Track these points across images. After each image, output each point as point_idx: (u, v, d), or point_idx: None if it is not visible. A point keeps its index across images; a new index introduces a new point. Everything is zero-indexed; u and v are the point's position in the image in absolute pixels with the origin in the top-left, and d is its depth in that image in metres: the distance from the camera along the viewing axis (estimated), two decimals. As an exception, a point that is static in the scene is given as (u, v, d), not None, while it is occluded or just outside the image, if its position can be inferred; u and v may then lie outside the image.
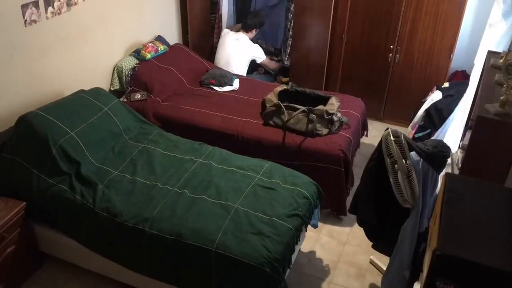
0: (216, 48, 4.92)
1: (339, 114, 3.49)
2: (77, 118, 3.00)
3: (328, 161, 3.30)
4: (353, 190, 3.60)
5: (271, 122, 3.54)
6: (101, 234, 2.66)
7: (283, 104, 3.52)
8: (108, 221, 2.60)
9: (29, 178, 2.77)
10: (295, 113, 3.46)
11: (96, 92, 3.29)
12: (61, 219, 2.76)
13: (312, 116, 3.42)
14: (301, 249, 3.16)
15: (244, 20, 4.79)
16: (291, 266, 2.63)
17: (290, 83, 3.91)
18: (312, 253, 3.25)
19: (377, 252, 2.92)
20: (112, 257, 2.68)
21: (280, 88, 3.80)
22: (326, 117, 3.43)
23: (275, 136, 3.45)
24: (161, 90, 3.91)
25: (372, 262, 3.15)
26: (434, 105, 3.83)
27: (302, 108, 3.45)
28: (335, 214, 3.53)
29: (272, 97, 3.63)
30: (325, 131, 3.44)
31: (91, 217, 2.65)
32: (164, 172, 2.91)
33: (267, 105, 3.58)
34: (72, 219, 2.72)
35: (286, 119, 3.45)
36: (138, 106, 3.76)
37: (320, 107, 3.47)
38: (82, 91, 3.27)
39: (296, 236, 2.61)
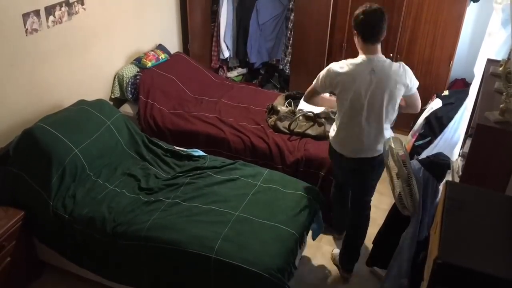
0: (215, 55, 4.95)
1: None
2: (82, 133, 2.99)
3: (327, 169, 3.30)
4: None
5: (281, 127, 3.55)
6: (103, 256, 2.67)
7: (294, 109, 3.63)
8: (110, 243, 2.60)
9: (34, 197, 2.76)
10: (306, 119, 3.55)
11: (99, 104, 3.28)
12: (59, 240, 2.78)
13: (321, 120, 3.46)
14: (302, 258, 3.14)
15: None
16: (296, 268, 2.62)
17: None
18: (313, 261, 3.23)
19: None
20: (114, 277, 2.70)
21: (282, 97, 3.84)
22: (333, 117, 3.48)
23: (276, 142, 3.46)
24: (164, 99, 3.92)
25: (373, 271, 3.14)
26: (434, 113, 3.83)
27: (310, 113, 3.53)
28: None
29: (280, 103, 3.68)
30: None
31: (93, 243, 2.65)
32: (165, 186, 2.91)
33: (279, 110, 3.61)
34: (70, 243, 2.74)
35: (298, 124, 3.52)
36: (144, 115, 3.78)
37: (324, 108, 3.55)
38: (84, 102, 3.27)
39: (298, 241, 2.61)
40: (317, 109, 3.64)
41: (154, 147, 3.29)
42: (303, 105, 3.69)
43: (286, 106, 3.72)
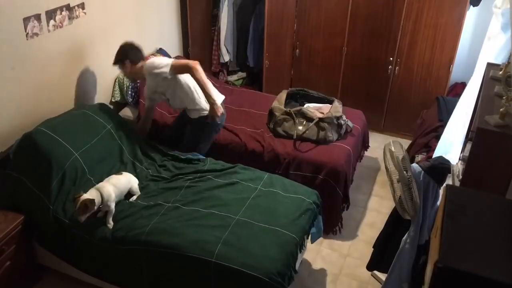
0: (216, 59, 4.94)
1: (344, 117, 3.54)
2: (82, 137, 2.99)
3: (326, 173, 3.29)
4: (351, 202, 3.59)
5: (280, 131, 3.55)
6: (102, 260, 2.66)
7: (292, 110, 3.60)
8: (109, 247, 2.60)
9: (34, 201, 2.75)
10: (306, 122, 3.52)
11: (99, 108, 3.29)
12: (59, 244, 2.77)
13: (323, 124, 3.45)
14: (302, 262, 3.14)
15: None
16: (296, 272, 2.62)
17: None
18: (313, 265, 3.22)
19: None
20: (114, 281, 2.70)
21: (284, 94, 3.83)
22: (335, 122, 3.46)
23: (274, 147, 3.45)
24: (165, 103, 3.90)
25: (373, 275, 3.13)
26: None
27: (315, 119, 3.51)
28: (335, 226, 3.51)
29: (279, 104, 3.66)
30: (335, 136, 3.49)
31: (93, 247, 2.65)
32: (164, 189, 2.91)
33: (277, 113, 3.60)
34: (70, 246, 2.73)
35: (297, 128, 3.50)
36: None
37: (328, 113, 3.55)
38: (84, 106, 3.26)
39: (299, 244, 2.60)
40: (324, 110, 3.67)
41: (154, 151, 3.29)
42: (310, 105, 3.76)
43: (285, 107, 3.69)
